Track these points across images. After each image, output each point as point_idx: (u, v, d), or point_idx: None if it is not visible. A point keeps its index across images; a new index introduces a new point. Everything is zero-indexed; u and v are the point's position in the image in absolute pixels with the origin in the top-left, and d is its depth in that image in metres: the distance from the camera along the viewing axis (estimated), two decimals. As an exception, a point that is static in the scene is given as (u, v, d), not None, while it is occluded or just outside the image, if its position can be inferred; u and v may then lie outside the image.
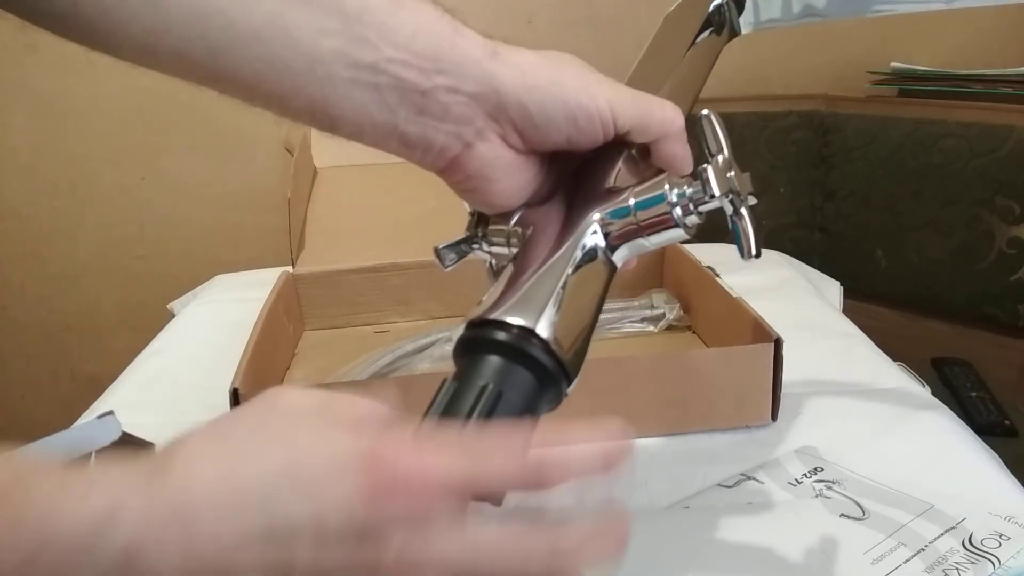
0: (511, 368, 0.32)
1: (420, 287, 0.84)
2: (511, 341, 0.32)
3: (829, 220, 1.47)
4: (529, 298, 0.34)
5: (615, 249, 0.38)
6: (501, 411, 0.31)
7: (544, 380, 0.32)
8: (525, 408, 0.32)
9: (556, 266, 0.36)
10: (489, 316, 0.33)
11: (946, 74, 1.35)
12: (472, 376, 0.32)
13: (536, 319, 0.33)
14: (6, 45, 1.45)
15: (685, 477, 0.56)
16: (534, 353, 0.32)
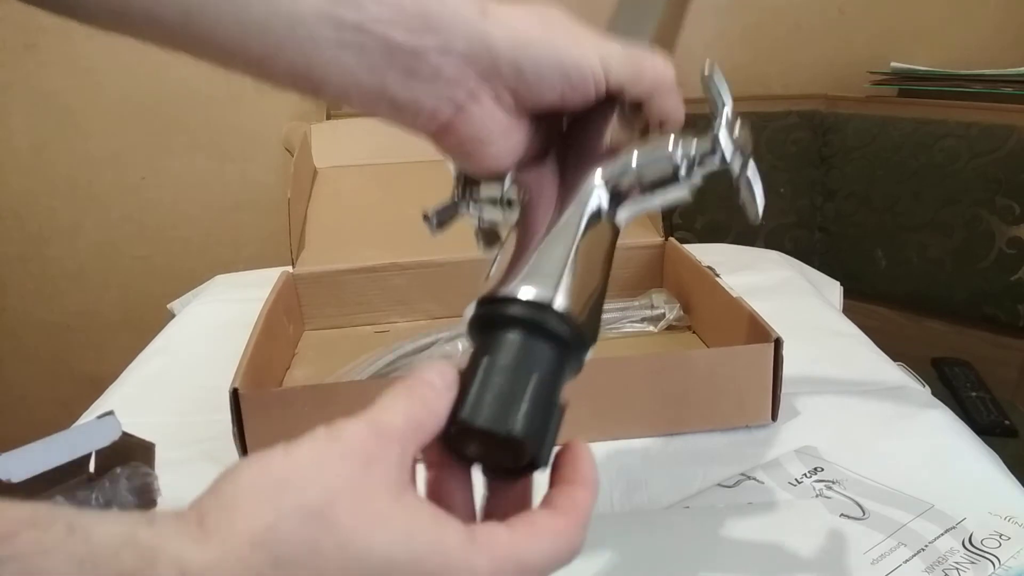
0: (531, 343, 0.31)
1: (420, 287, 0.84)
2: (529, 316, 0.31)
3: (829, 220, 1.47)
4: (541, 269, 0.33)
5: (618, 210, 0.37)
6: (523, 386, 0.30)
7: (565, 351, 0.32)
8: (551, 382, 0.31)
9: (563, 232, 0.34)
10: (503, 292, 0.32)
11: (946, 74, 1.35)
12: (495, 356, 0.31)
13: (552, 291, 0.32)
14: (6, 45, 1.45)
15: (685, 477, 0.56)
16: (553, 326, 0.31)
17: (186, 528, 0.24)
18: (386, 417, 0.27)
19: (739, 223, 1.49)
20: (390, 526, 0.25)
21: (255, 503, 0.24)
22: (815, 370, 0.70)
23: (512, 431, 0.29)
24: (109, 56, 1.47)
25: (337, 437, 0.26)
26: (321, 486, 0.25)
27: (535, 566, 0.27)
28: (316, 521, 0.24)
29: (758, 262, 1.01)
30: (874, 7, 1.50)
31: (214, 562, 0.23)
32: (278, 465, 0.26)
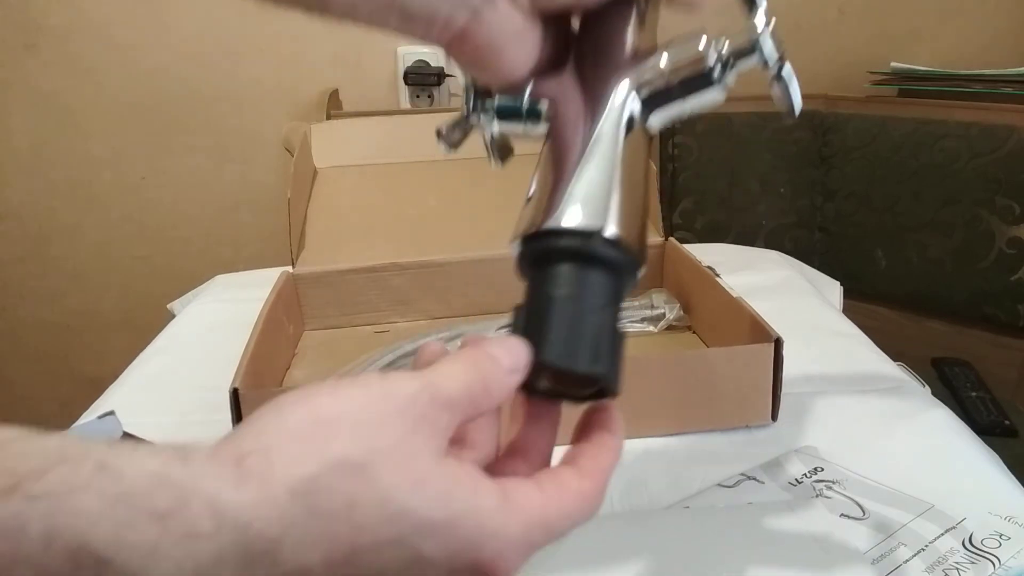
0: (596, 276, 0.31)
1: (420, 287, 0.84)
2: (589, 249, 0.31)
3: (829, 220, 1.47)
4: (588, 194, 0.32)
5: (650, 116, 0.36)
6: (591, 320, 0.30)
7: (624, 277, 0.32)
8: (616, 311, 0.31)
9: (602, 149, 0.33)
10: (555, 222, 0.31)
11: (946, 74, 1.35)
12: (565, 292, 0.30)
13: (604, 218, 0.31)
14: (6, 45, 1.45)
15: (685, 477, 0.56)
16: (613, 256, 0.31)
17: (222, 468, 0.23)
18: (444, 384, 0.27)
19: (739, 223, 1.49)
20: (429, 488, 0.25)
21: (298, 450, 0.24)
22: (815, 370, 0.70)
23: (596, 370, 0.30)
24: (109, 56, 1.47)
25: (391, 393, 0.26)
26: (368, 441, 0.25)
27: (560, 528, 0.28)
28: (358, 475, 0.24)
29: (758, 262, 1.01)
30: (874, 7, 1.50)
31: (250, 505, 0.23)
32: (326, 409, 0.25)
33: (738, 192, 1.48)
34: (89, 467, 0.22)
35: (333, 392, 0.26)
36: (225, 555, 0.22)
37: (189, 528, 0.22)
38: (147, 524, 0.22)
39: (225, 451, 0.24)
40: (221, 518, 0.22)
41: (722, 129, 1.47)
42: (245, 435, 0.25)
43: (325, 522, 0.24)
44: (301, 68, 1.50)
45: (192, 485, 0.23)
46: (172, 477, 0.23)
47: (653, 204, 0.88)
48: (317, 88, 1.45)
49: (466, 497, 0.26)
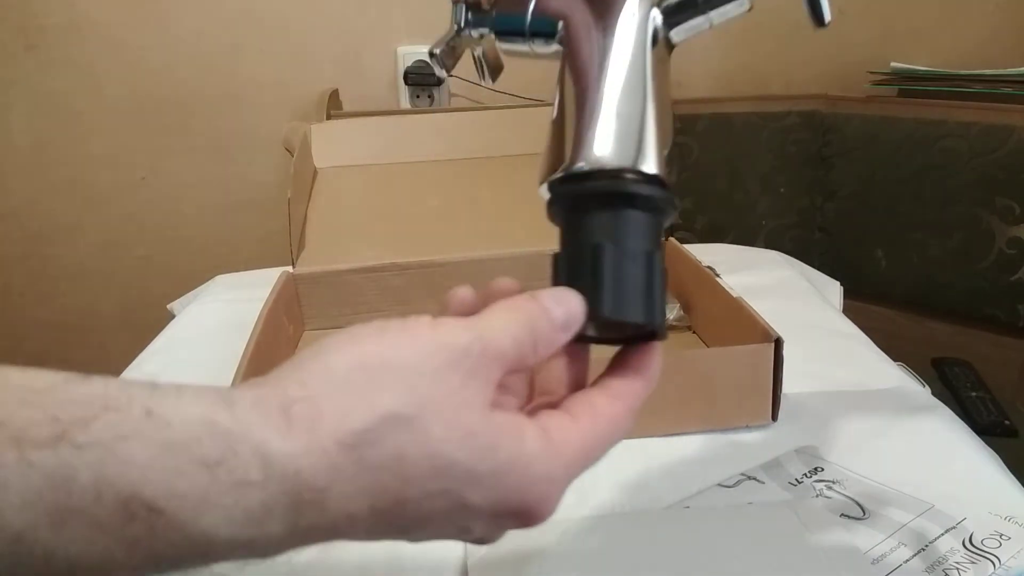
0: (642, 219, 0.30)
1: (420, 287, 0.84)
2: (629, 190, 0.29)
3: (829, 220, 1.47)
4: (622, 125, 0.30)
5: (672, 31, 0.33)
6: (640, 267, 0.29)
7: (665, 215, 0.31)
8: (657, 251, 0.30)
9: (629, 69, 0.31)
10: (591, 163, 0.30)
11: (946, 74, 1.35)
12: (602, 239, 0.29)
13: (642, 153, 0.30)
14: (6, 45, 1.45)
15: (685, 477, 0.56)
16: (654, 196, 0.30)
17: (268, 416, 0.23)
18: (496, 337, 0.27)
19: (739, 223, 1.49)
20: (478, 440, 0.25)
21: (347, 401, 0.24)
22: (815, 370, 0.70)
23: (652, 320, 0.29)
24: (109, 56, 1.47)
25: (444, 344, 0.26)
26: (418, 393, 0.24)
27: (597, 454, 0.29)
28: (407, 428, 0.24)
29: (758, 262, 1.01)
30: (874, 7, 1.50)
31: (298, 454, 0.23)
32: (372, 356, 0.25)
33: (738, 192, 1.48)
34: (136, 414, 0.22)
35: (380, 338, 0.26)
36: (274, 504, 0.23)
37: (239, 477, 0.22)
38: (197, 473, 0.22)
39: (270, 398, 0.24)
40: (270, 467, 0.22)
41: (722, 129, 1.47)
42: (289, 381, 0.24)
43: (373, 474, 0.24)
44: (301, 68, 1.50)
45: (240, 433, 0.23)
46: (219, 425, 0.23)
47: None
48: (317, 88, 1.45)
49: (512, 446, 0.26)
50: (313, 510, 0.23)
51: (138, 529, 0.21)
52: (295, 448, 0.23)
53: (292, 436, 0.23)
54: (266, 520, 0.23)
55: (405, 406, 0.24)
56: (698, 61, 1.54)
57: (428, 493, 0.24)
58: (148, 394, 0.23)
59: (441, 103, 1.50)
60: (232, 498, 0.22)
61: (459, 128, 1.04)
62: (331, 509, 0.23)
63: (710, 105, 1.47)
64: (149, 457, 0.21)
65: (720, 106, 1.47)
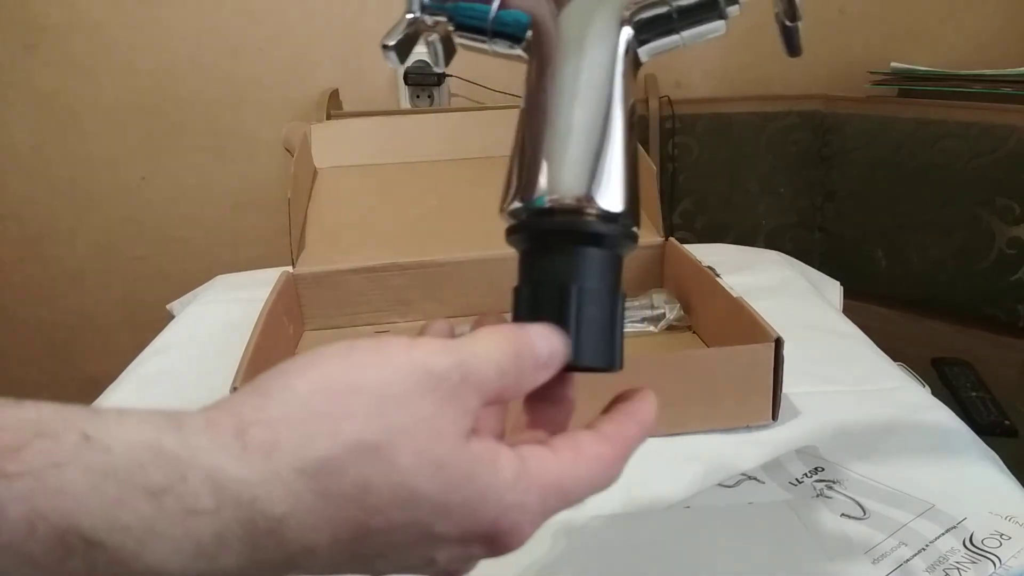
0: (597, 258, 0.28)
1: (420, 287, 0.84)
2: (597, 231, 0.28)
3: (829, 220, 1.47)
4: (586, 153, 0.28)
5: (641, 45, 0.32)
6: (607, 310, 0.29)
7: (627, 249, 0.30)
8: (619, 289, 0.29)
9: (598, 90, 0.29)
10: (555, 198, 0.28)
11: (946, 74, 1.35)
12: (569, 281, 0.28)
13: (610, 188, 0.28)
14: (6, 45, 1.45)
15: (685, 477, 0.56)
16: (621, 234, 0.29)
17: (221, 439, 0.22)
18: (479, 365, 0.25)
19: (739, 223, 1.49)
20: (449, 471, 0.23)
21: (309, 427, 0.22)
22: (815, 370, 0.70)
23: (614, 365, 0.29)
24: (109, 57, 1.47)
25: (419, 367, 0.24)
26: (387, 420, 0.23)
27: (577, 494, 0.27)
28: (373, 457, 0.22)
29: (758, 262, 1.01)
30: (874, 7, 1.50)
31: (254, 481, 0.21)
32: (338, 378, 0.23)
33: (738, 192, 1.48)
34: (72, 439, 0.20)
35: (347, 359, 0.24)
36: (228, 534, 0.21)
37: (188, 505, 0.20)
38: (141, 501, 0.20)
39: (224, 421, 0.22)
40: (222, 494, 0.21)
41: (722, 129, 1.47)
42: (245, 403, 0.23)
43: (336, 504, 0.22)
44: (301, 68, 1.50)
45: (189, 457, 0.21)
46: (166, 449, 0.21)
47: (653, 204, 0.88)
48: (317, 88, 1.45)
49: (485, 475, 0.24)
50: (270, 541, 0.22)
51: (77, 565, 0.20)
52: (250, 474, 0.21)
53: (247, 461, 0.21)
54: (219, 553, 0.21)
55: (372, 433, 0.22)
56: (698, 61, 1.54)
57: (394, 524, 0.23)
58: (86, 418, 0.21)
59: (441, 103, 1.50)
60: (181, 529, 0.20)
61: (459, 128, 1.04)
62: (289, 540, 0.22)
63: (710, 105, 1.48)
64: (87, 486, 0.20)
65: (720, 106, 1.47)
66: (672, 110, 1.45)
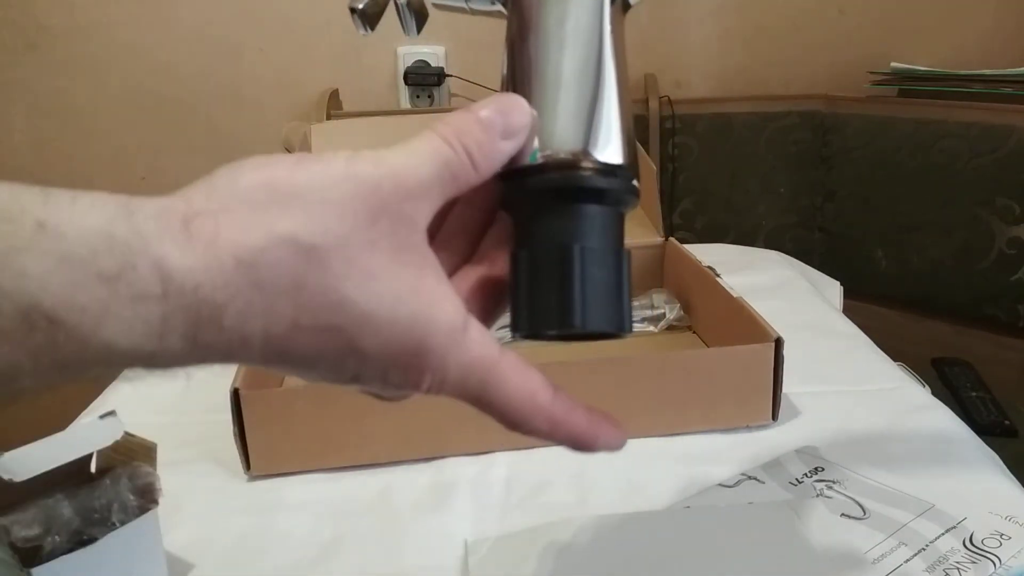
0: (609, 215, 0.27)
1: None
2: (598, 185, 0.26)
3: (829, 220, 1.47)
4: (581, 104, 0.27)
5: None
6: (610, 269, 0.27)
7: (629, 203, 0.28)
8: (622, 247, 0.28)
9: (586, 35, 0.28)
10: (553, 153, 0.27)
11: (946, 74, 1.35)
12: (569, 240, 0.26)
13: (609, 139, 0.27)
14: (6, 45, 1.45)
15: (685, 477, 0.56)
16: (621, 188, 0.27)
17: (168, 227, 0.22)
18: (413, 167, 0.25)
19: (739, 223, 1.49)
20: (379, 284, 0.24)
21: (248, 218, 0.23)
22: (815, 370, 0.70)
23: (624, 328, 0.27)
24: (110, 56, 1.47)
25: (354, 175, 0.24)
26: (320, 225, 0.24)
27: (497, 396, 0.26)
28: (305, 257, 0.23)
29: (758, 262, 1.01)
30: (874, 7, 1.50)
31: (198, 268, 0.22)
32: (284, 180, 0.24)
33: (738, 192, 1.48)
34: (29, 226, 0.21)
35: (295, 164, 0.25)
36: (173, 318, 0.22)
37: (138, 290, 0.22)
38: (95, 286, 0.21)
39: (173, 209, 0.23)
40: (169, 282, 0.22)
41: (722, 129, 1.47)
42: (196, 194, 0.24)
43: (269, 296, 0.23)
44: (301, 68, 1.50)
45: (139, 245, 0.22)
46: (117, 236, 0.22)
47: (653, 204, 0.88)
48: (317, 88, 1.45)
49: (418, 306, 0.25)
50: (211, 327, 0.23)
51: (40, 339, 0.21)
52: (195, 263, 0.22)
53: (192, 250, 0.22)
54: (166, 334, 0.22)
55: (306, 234, 0.23)
56: (698, 61, 1.54)
57: (320, 326, 0.24)
58: (40, 204, 0.22)
59: (441, 103, 1.50)
60: (132, 311, 0.22)
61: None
62: (227, 328, 0.23)
63: (710, 105, 1.48)
64: (45, 270, 0.21)
65: (720, 106, 1.47)
66: (672, 110, 1.45)
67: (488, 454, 0.60)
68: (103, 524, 0.44)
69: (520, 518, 0.53)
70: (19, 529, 0.40)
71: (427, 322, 0.25)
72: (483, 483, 0.57)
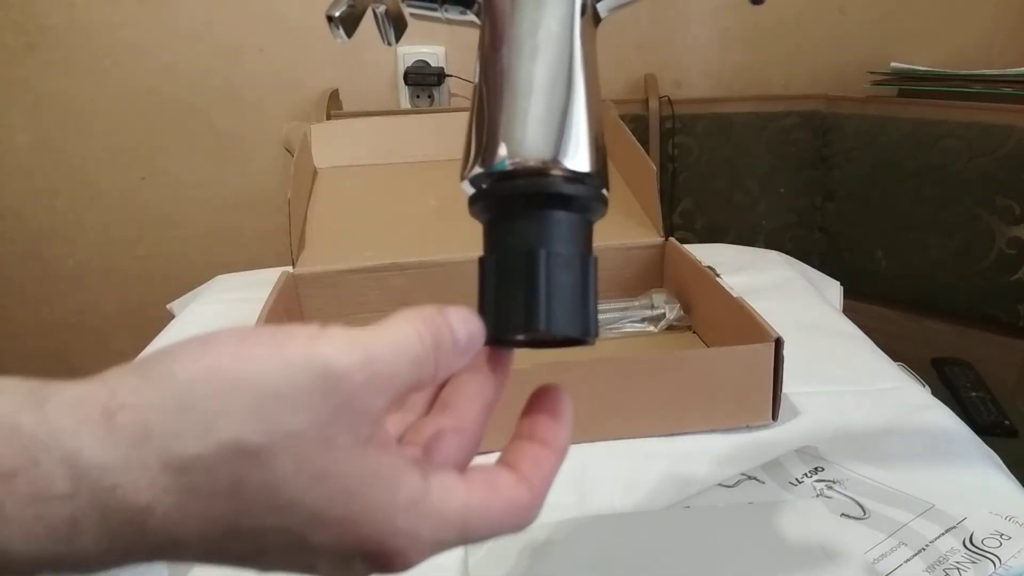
0: (564, 220, 0.27)
1: (420, 287, 0.84)
2: (562, 191, 0.27)
3: (829, 220, 1.47)
4: (550, 113, 0.27)
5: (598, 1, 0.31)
6: (576, 274, 0.27)
7: (596, 211, 0.28)
8: (589, 254, 0.28)
9: (556, 47, 0.28)
10: (518, 160, 0.27)
11: (946, 74, 1.35)
12: (535, 246, 0.26)
13: (576, 147, 0.27)
14: (6, 45, 1.45)
15: (685, 477, 0.56)
16: (588, 195, 0.27)
17: (86, 418, 0.20)
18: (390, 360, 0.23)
19: (739, 223, 1.49)
20: (331, 484, 0.22)
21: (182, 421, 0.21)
22: (815, 370, 0.70)
23: (589, 334, 0.27)
24: (109, 56, 1.47)
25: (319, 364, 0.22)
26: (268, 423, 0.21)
27: (479, 534, 0.25)
28: (250, 460, 0.21)
29: (758, 262, 1.01)
30: (874, 7, 1.50)
31: (115, 468, 0.20)
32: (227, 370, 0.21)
33: (738, 192, 1.48)
34: None
35: (238, 348, 0.22)
36: (84, 519, 0.20)
37: (39, 489, 0.19)
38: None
39: (94, 399, 0.21)
40: (80, 479, 0.20)
41: (722, 129, 1.47)
42: (122, 384, 0.22)
43: (203, 501, 0.21)
44: (301, 68, 1.50)
45: (47, 438, 0.20)
46: (22, 427, 0.20)
47: (653, 204, 0.88)
48: (317, 88, 1.45)
49: (377, 492, 0.22)
50: (131, 529, 0.20)
51: None
52: (113, 460, 0.20)
53: (111, 446, 0.20)
54: (75, 537, 0.20)
55: (251, 434, 0.21)
56: (698, 61, 1.54)
57: (266, 528, 0.22)
58: None
59: (441, 103, 1.50)
60: (31, 512, 0.19)
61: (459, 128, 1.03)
62: (153, 530, 0.21)
63: (710, 105, 1.48)
64: None
65: (720, 106, 1.47)
66: (672, 110, 1.45)
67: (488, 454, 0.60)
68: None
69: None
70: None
71: (387, 506, 0.23)
72: (483, 483, 0.57)
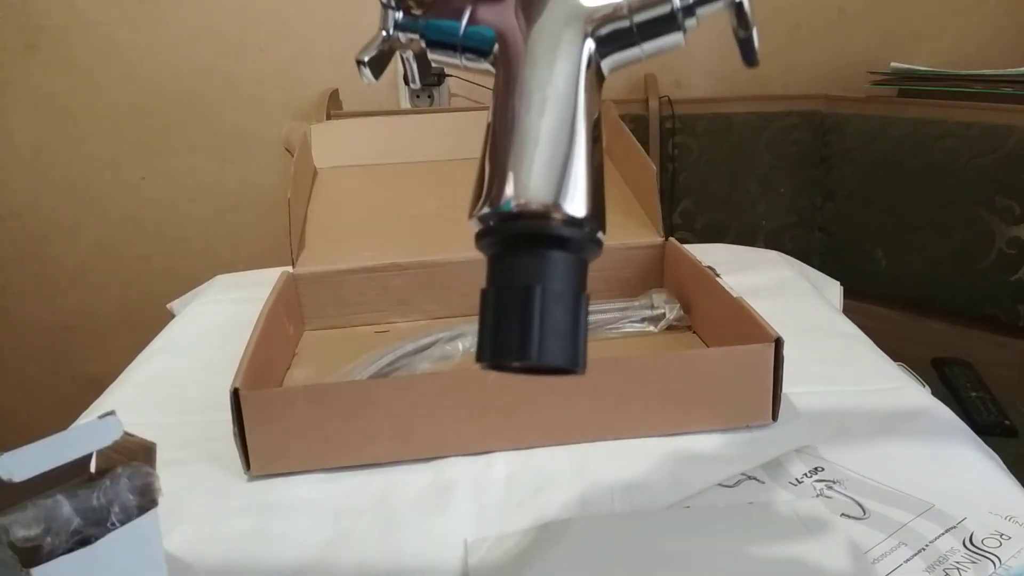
0: (561, 261, 0.30)
1: (420, 287, 0.84)
2: (561, 234, 0.29)
3: (829, 220, 1.47)
4: (553, 161, 0.30)
5: (603, 60, 0.33)
6: (570, 310, 0.30)
7: (592, 253, 0.31)
8: (583, 292, 0.30)
9: (562, 102, 0.31)
10: (521, 204, 0.29)
11: (946, 74, 1.35)
12: (534, 282, 0.29)
13: (575, 193, 0.29)
14: (6, 45, 1.45)
15: (685, 477, 0.56)
16: (586, 239, 0.30)
17: None
18: None
19: (739, 223, 1.49)
20: None
21: None
22: (815, 370, 0.70)
23: (577, 365, 0.29)
24: (109, 57, 1.47)
25: None
26: None
27: None
28: None
29: (758, 262, 1.01)
30: (874, 7, 1.50)
31: None
32: None
33: (738, 192, 1.48)
34: None
35: None
36: None
37: None
38: None
39: None
40: None
41: (722, 129, 1.47)
42: None
43: None
44: (301, 68, 1.50)
45: None
46: None
47: (653, 204, 0.88)
48: (317, 88, 1.45)
49: None
50: None
51: None
52: None
53: None
54: None
55: None
56: (698, 61, 1.54)
57: None
58: None
59: (441, 103, 1.50)
60: None
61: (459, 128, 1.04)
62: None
63: (710, 105, 1.48)
64: None
65: (720, 106, 1.47)
66: (672, 110, 1.45)
67: (488, 454, 0.60)
68: (103, 524, 0.43)
69: (520, 518, 0.53)
70: (19, 529, 0.40)
71: None
72: (483, 483, 0.57)
